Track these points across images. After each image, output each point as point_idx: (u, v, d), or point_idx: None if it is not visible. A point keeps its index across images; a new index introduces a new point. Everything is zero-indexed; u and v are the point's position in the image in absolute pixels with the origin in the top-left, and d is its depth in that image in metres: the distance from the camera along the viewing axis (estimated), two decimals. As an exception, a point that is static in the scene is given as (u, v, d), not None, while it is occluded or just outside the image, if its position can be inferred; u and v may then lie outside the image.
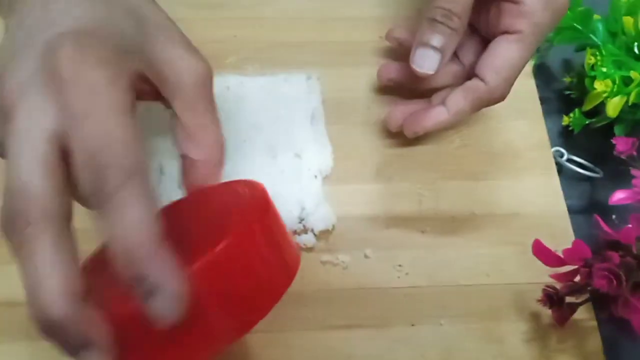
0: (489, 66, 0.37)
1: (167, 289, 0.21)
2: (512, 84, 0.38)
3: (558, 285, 0.36)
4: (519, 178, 0.42)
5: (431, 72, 0.38)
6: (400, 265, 0.39)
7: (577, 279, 0.35)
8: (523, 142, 0.43)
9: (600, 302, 0.36)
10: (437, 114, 0.39)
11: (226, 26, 0.46)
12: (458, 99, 0.38)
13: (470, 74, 0.40)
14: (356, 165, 0.42)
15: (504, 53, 0.37)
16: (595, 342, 0.37)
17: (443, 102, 0.39)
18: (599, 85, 0.41)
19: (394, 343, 0.36)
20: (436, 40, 0.37)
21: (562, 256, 0.35)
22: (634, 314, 0.33)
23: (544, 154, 0.43)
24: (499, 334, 0.37)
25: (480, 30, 0.41)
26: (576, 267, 0.35)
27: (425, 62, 0.38)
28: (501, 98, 0.39)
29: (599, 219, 0.37)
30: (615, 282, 0.32)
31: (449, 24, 0.36)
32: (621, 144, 0.38)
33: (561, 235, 0.39)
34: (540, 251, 0.35)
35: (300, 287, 0.38)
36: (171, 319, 0.22)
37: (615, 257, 0.33)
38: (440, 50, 0.37)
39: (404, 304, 0.38)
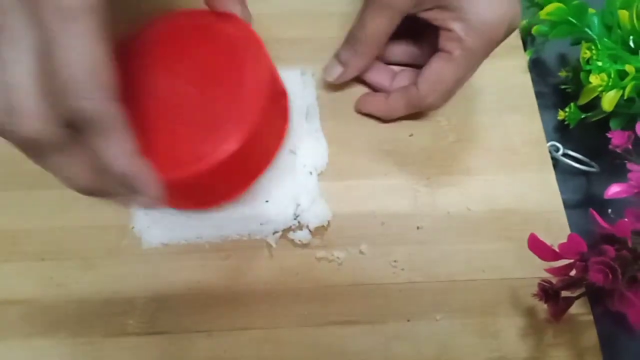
0: (423, 77, 0.40)
1: (145, 194, 0.29)
2: (445, 96, 0.40)
3: (554, 280, 0.36)
4: (515, 173, 0.42)
5: (331, 79, 0.42)
6: (395, 261, 0.39)
7: (573, 273, 0.35)
8: (519, 137, 0.43)
9: (596, 296, 0.36)
10: (377, 103, 0.43)
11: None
12: (396, 97, 0.42)
13: None
14: (351, 161, 0.42)
15: (435, 67, 0.39)
16: (591, 337, 0.37)
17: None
18: (594, 79, 0.41)
19: (389, 339, 0.36)
20: (342, 55, 0.42)
21: (557, 250, 0.35)
22: (630, 308, 0.33)
23: (539, 149, 0.43)
24: (494, 329, 0.37)
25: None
26: (572, 261, 0.35)
27: (330, 70, 0.42)
28: (432, 106, 0.41)
29: (595, 213, 0.37)
30: (610, 275, 0.32)
31: (354, 47, 0.40)
32: (617, 138, 0.38)
33: (557, 229, 0.39)
34: (536, 245, 0.35)
35: (296, 283, 0.38)
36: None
37: (610, 250, 0.33)
38: (343, 64, 0.42)
39: (400, 299, 0.38)
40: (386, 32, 0.39)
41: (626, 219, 0.35)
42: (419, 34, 0.43)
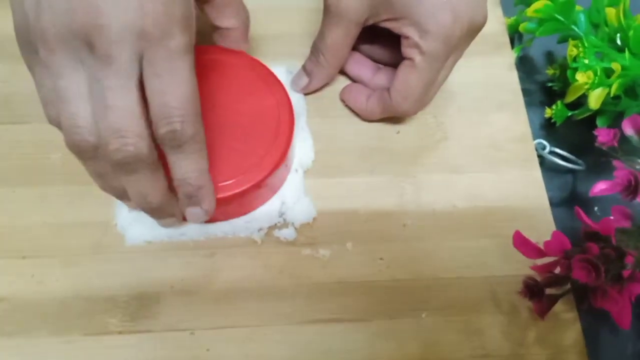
0: (393, 86, 0.40)
1: (201, 208, 0.34)
2: (418, 101, 0.40)
3: (539, 278, 0.36)
4: (501, 170, 0.42)
5: (298, 89, 0.44)
6: (381, 259, 0.39)
7: (557, 270, 0.35)
8: (505, 135, 0.43)
9: (580, 294, 0.36)
10: (358, 101, 0.43)
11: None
12: (374, 102, 0.42)
13: None
14: (337, 158, 0.42)
15: (401, 76, 0.39)
16: (576, 334, 0.37)
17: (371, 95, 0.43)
18: (580, 77, 0.41)
19: (374, 336, 0.36)
20: (307, 66, 0.43)
21: (542, 248, 0.35)
22: (613, 305, 0.33)
23: (525, 147, 0.43)
24: (478, 326, 0.37)
25: None
26: (556, 259, 0.35)
27: (297, 80, 0.44)
28: (408, 113, 0.41)
29: (580, 210, 0.37)
30: (594, 273, 0.32)
31: (317, 58, 0.42)
32: (603, 135, 0.38)
33: (543, 227, 0.39)
34: (521, 243, 0.35)
35: (281, 281, 0.38)
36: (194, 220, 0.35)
37: (594, 248, 0.33)
38: (308, 74, 0.43)
39: (385, 297, 0.37)
40: (344, 42, 0.40)
41: (611, 217, 0.35)
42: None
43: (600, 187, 0.37)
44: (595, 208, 0.42)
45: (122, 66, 0.29)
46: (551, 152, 0.43)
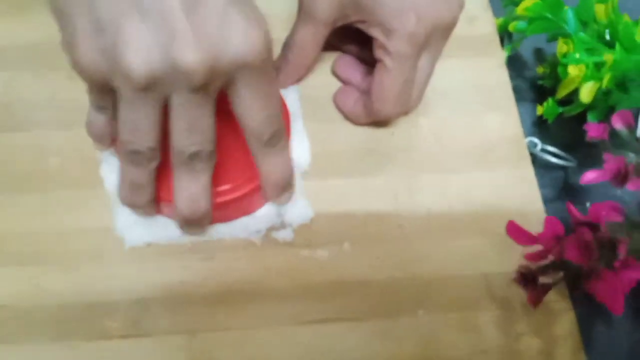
0: (371, 91, 0.40)
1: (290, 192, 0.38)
2: (397, 103, 0.40)
3: (533, 267, 0.36)
4: (494, 170, 0.42)
5: None
6: (378, 259, 0.39)
7: (551, 257, 0.36)
8: (497, 134, 0.44)
9: (574, 281, 0.36)
10: (346, 102, 0.43)
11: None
12: (359, 105, 0.42)
13: None
14: (333, 160, 0.42)
15: (377, 79, 0.40)
16: (570, 323, 0.37)
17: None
18: (572, 70, 0.41)
19: (371, 335, 0.37)
20: (277, 62, 0.43)
21: (535, 235, 0.35)
22: (606, 293, 0.33)
23: (518, 146, 0.43)
24: (475, 323, 0.37)
25: None
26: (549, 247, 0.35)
27: None
28: (389, 116, 0.41)
29: (570, 205, 0.37)
30: (587, 253, 0.33)
31: (285, 55, 0.43)
32: (593, 130, 0.38)
33: (536, 223, 0.39)
34: (514, 231, 0.36)
35: (279, 282, 0.38)
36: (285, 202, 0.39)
37: (587, 232, 0.34)
38: (277, 70, 0.43)
39: (382, 296, 0.38)
40: (312, 41, 0.41)
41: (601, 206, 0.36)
42: None
43: (590, 175, 0.37)
44: (588, 203, 0.42)
45: (213, 94, 0.31)
46: (543, 150, 0.44)
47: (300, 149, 0.42)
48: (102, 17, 0.28)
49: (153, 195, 0.35)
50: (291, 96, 0.44)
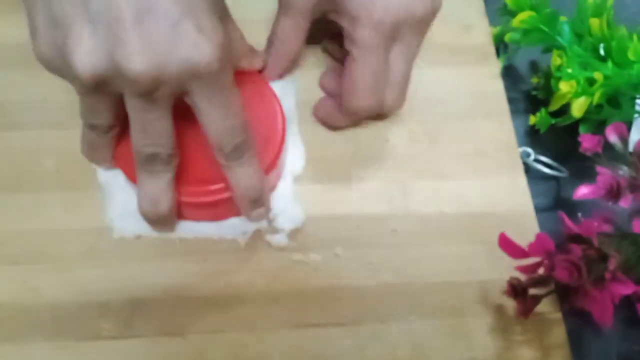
0: (342, 86, 0.40)
1: (265, 207, 0.38)
2: (363, 96, 0.39)
3: (523, 279, 0.37)
4: (487, 177, 0.43)
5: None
6: (370, 264, 0.39)
7: (541, 271, 0.36)
8: (491, 143, 0.44)
9: (564, 294, 0.37)
10: (323, 108, 0.44)
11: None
12: (336, 107, 0.42)
13: None
14: (328, 165, 0.43)
15: (347, 72, 0.39)
16: (560, 334, 0.38)
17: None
18: (564, 86, 0.42)
19: (365, 340, 0.37)
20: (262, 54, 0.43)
21: (526, 249, 0.36)
22: (595, 306, 0.34)
23: (511, 154, 0.44)
24: (466, 329, 0.38)
25: None
26: (540, 259, 0.36)
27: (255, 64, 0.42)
28: (357, 109, 0.40)
29: (563, 214, 0.38)
30: (576, 273, 0.33)
31: (269, 48, 0.42)
32: (587, 141, 0.39)
33: (528, 232, 0.40)
34: (506, 244, 0.36)
35: (272, 286, 0.38)
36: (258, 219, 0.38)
37: (577, 249, 0.34)
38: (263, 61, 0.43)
39: (375, 301, 0.38)
40: (293, 32, 0.41)
41: (593, 220, 0.36)
42: None
43: (582, 191, 0.37)
44: (579, 214, 0.42)
45: (166, 101, 0.31)
46: (536, 160, 0.44)
47: (294, 153, 0.42)
48: (56, 16, 0.29)
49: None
50: (287, 100, 0.44)
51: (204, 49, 0.29)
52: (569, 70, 0.43)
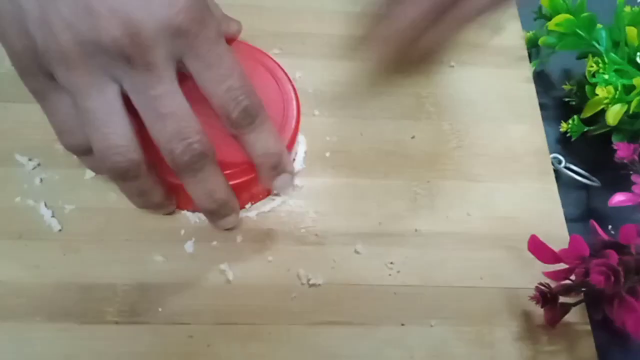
0: None
1: (288, 172, 0.35)
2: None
3: (552, 285, 0.35)
4: (516, 182, 0.41)
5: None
6: (391, 263, 0.37)
7: (573, 278, 0.34)
8: (521, 147, 0.42)
9: (595, 303, 0.35)
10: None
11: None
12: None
13: None
14: (352, 159, 0.41)
15: None
16: (589, 347, 0.36)
17: None
18: (601, 91, 0.41)
19: (382, 342, 0.35)
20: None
21: (558, 253, 0.34)
22: (630, 315, 0.32)
23: (542, 160, 0.42)
24: (490, 338, 0.36)
25: None
26: (572, 266, 0.34)
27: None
28: None
29: (595, 223, 0.36)
30: (613, 278, 0.31)
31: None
32: (623, 150, 0.38)
33: (557, 241, 0.38)
34: (536, 247, 0.35)
35: (287, 279, 0.36)
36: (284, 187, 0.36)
37: (613, 255, 0.32)
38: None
39: (394, 302, 0.36)
40: None
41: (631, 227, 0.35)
42: None
43: (618, 198, 0.36)
44: (610, 226, 0.41)
45: (164, 71, 0.29)
46: (567, 168, 0.43)
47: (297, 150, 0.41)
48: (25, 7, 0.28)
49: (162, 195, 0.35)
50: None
51: (178, 1, 0.28)
52: (606, 77, 0.41)
